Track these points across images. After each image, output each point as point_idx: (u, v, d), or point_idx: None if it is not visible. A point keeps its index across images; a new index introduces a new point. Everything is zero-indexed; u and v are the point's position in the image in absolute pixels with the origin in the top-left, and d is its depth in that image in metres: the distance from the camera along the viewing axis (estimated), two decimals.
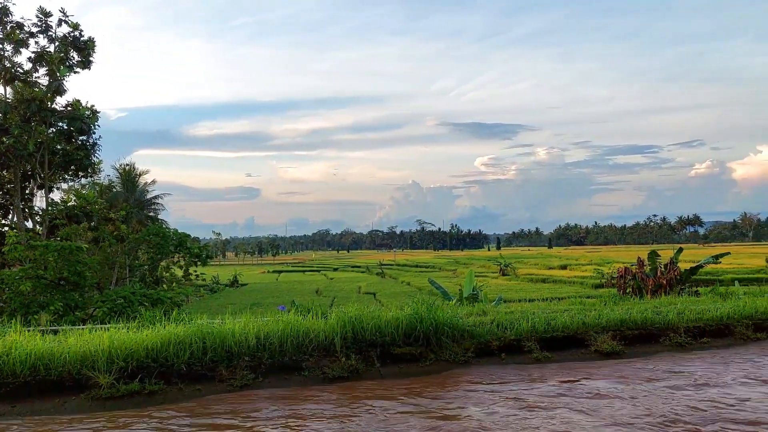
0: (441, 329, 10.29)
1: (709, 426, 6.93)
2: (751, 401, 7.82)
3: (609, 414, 7.41)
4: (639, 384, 8.79)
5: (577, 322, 11.23)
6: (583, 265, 58.78)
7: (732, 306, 13.04)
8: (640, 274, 19.11)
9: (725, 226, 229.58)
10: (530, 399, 8.15)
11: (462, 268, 48.82)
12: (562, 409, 7.67)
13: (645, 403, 7.83)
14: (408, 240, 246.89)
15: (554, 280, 45.15)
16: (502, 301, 18.74)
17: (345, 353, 9.81)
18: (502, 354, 10.41)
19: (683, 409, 7.55)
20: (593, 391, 8.46)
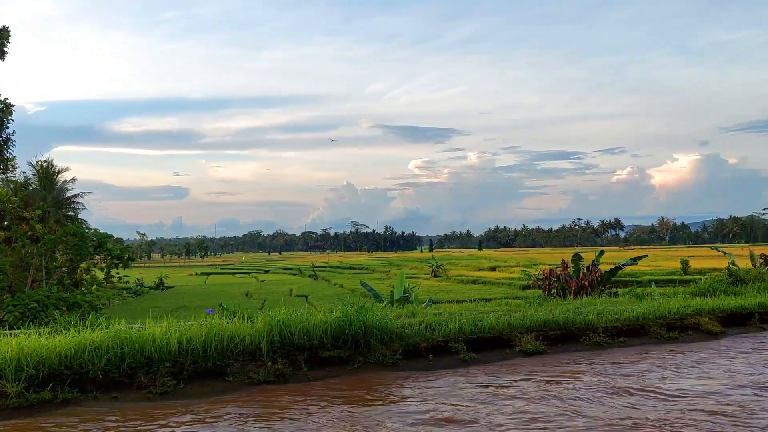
0: (370, 332, 10.26)
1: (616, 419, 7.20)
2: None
3: (530, 411, 7.58)
4: (555, 383, 9.04)
5: (503, 323, 11.47)
6: (512, 267, 60.25)
7: (647, 306, 13.65)
8: (564, 275, 19.71)
9: (644, 230, 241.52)
10: (454, 400, 8.24)
11: (395, 270, 49.10)
12: (485, 410, 7.78)
13: (564, 400, 8.06)
14: (342, 242, 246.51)
15: (484, 281, 46.01)
16: (432, 302, 18.93)
17: (271, 357, 9.62)
18: (430, 355, 10.49)
19: (598, 405, 7.83)
20: (515, 390, 8.65)
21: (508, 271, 56.27)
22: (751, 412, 7.51)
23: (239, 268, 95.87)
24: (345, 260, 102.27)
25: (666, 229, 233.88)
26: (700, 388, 8.72)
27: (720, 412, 7.54)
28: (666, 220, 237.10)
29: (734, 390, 8.57)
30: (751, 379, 9.22)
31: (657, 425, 7.07)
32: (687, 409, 7.69)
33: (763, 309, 14.41)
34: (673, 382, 9.06)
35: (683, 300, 15.22)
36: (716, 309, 13.94)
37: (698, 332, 12.88)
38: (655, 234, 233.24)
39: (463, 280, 48.47)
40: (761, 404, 7.89)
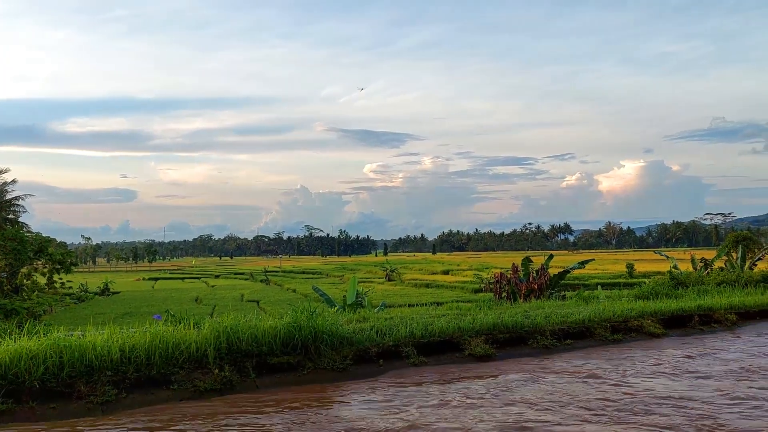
0: (320, 337, 10.16)
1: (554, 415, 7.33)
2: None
3: (473, 415, 7.64)
4: (499, 387, 9.16)
5: (453, 327, 11.54)
6: (464, 271, 60.98)
7: (593, 309, 13.99)
8: (514, 279, 20.01)
9: (592, 234, 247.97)
10: (403, 405, 8.23)
11: (349, 274, 48.96)
12: (432, 414, 7.80)
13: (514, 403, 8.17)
14: (295, 246, 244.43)
15: (437, 285, 46.42)
16: (385, 306, 18.94)
17: (218, 365, 9.41)
18: (380, 360, 10.46)
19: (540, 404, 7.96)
20: (466, 394, 8.72)
21: (460, 274, 56.88)
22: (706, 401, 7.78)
23: (189, 273, 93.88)
24: (298, 265, 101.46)
25: (613, 233, 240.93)
26: (658, 386, 8.97)
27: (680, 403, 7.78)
28: (613, 225, 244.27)
29: (688, 389, 8.86)
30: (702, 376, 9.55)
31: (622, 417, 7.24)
32: (651, 402, 7.90)
33: (703, 311, 14.95)
34: (632, 379, 9.30)
35: (627, 303, 15.67)
36: (658, 311, 14.39)
37: (641, 334, 13.27)
38: (603, 238, 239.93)
39: (416, 284, 48.76)
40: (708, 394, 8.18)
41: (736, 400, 8.24)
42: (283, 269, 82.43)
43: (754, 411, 7.78)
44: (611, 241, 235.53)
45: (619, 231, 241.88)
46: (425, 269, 66.80)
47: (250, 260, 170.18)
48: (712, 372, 9.99)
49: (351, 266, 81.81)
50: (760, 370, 10.06)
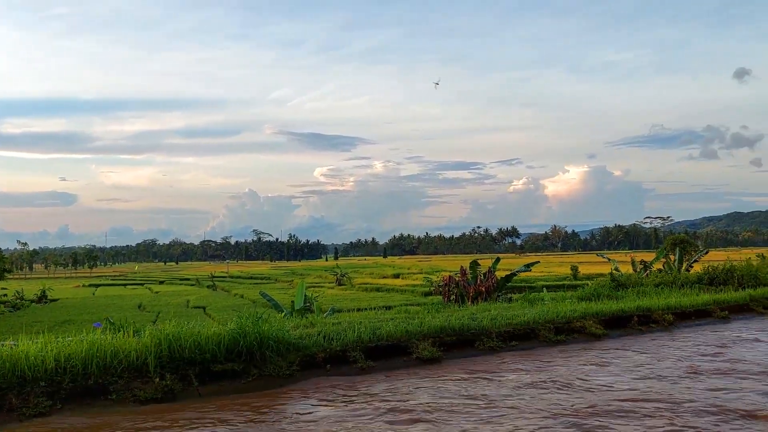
0: (266, 343, 9.99)
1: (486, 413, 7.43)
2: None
3: (415, 416, 7.66)
4: (449, 390, 9.22)
5: (401, 331, 11.56)
6: (414, 274, 61.40)
7: (538, 311, 14.26)
8: (462, 282, 20.22)
9: (538, 238, 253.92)
10: (348, 409, 8.18)
11: (299, 279, 48.48)
12: (378, 420, 7.78)
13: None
14: (243, 251, 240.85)
15: (387, 288, 46.52)
16: (334, 311, 18.83)
17: (159, 373, 9.13)
18: (327, 365, 10.37)
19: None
20: (412, 397, 8.73)
21: (411, 278, 57.22)
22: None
23: (132, 279, 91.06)
24: (246, 270, 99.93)
25: (558, 236, 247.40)
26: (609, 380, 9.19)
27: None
28: (558, 228, 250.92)
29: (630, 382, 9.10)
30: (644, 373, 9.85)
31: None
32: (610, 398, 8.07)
33: (642, 312, 15.44)
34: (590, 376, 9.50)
35: (570, 304, 16.04)
36: (600, 312, 14.78)
37: (583, 335, 13.60)
38: (549, 241, 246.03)
39: (367, 288, 48.74)
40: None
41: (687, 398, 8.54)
42: (230, 274, 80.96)
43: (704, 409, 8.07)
44: (557, 244, 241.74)
45: (564, 234, 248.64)
46: (376, 273, 66.90)
47: (196, 265, 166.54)
48: (659, 371, 10.31)
49: (301, 271, 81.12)
50: (703, 369, 10.45)
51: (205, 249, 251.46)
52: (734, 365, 10.66)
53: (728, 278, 21.51)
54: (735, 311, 17.25)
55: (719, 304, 17.22)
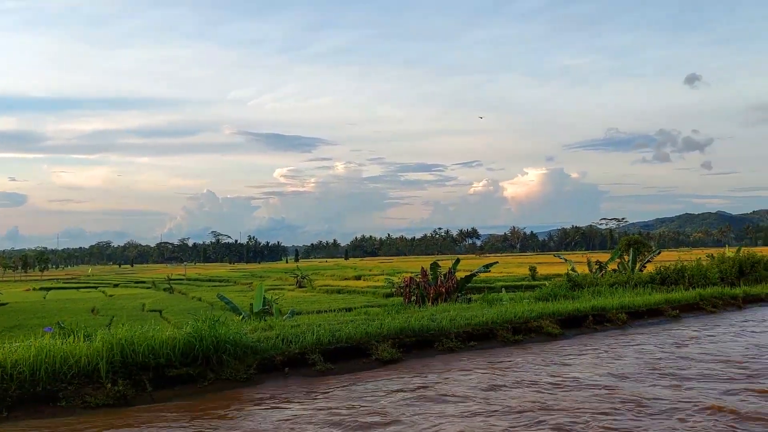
0: (222, 347, 9.82)
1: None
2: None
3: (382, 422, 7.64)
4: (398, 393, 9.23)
5: (361, 332, 11.52)
6: (376, 276, 61.41)
7: (496, 311, 14.41)
8: (423, 283, 20.33)
9: (498, 239, 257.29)
10: (305, 414, 8.10)
11: (258, 282, 47.92)
12: (334, 422, 7.73)
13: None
14: (201, 253, 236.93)
15: (349, 290, 46.43)
16: (294, 314, 18.65)
17: (112, 379, 8.87)
18: (286, 368, 10.26)
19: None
20: (370, 398, 8.70)
21: (372, 279, 57.21)
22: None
23: (85, 282, 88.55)
24: (204, 272, 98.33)
25: (517, 237, 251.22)
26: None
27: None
28: (517, 230, 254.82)
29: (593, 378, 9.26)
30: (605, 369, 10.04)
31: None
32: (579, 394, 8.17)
33: (596, 311, 15.77)
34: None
35: (528, 304, 16.28)
36: (556, 312, 15.03)
37: (541, 334, 13.81)
38: (508, 242, 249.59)
39: (328, 290, 48.53)
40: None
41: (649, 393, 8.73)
42: (188, 277, 79.47)
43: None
44: (516, 245, 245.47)
45: (522, 235, 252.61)
46: (337, 275, 66.73)
47: (152, 268, 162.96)
48: (623, 368, 10.53)
49: (260, 273, 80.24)
50: (661, 366, 10.72)
51: (162, 251, 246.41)
52: (689, 362, 10.97)
53: (679, 278, 22.17)
54: (686, 310, 17.78)
55: (671, 303, 17.72)
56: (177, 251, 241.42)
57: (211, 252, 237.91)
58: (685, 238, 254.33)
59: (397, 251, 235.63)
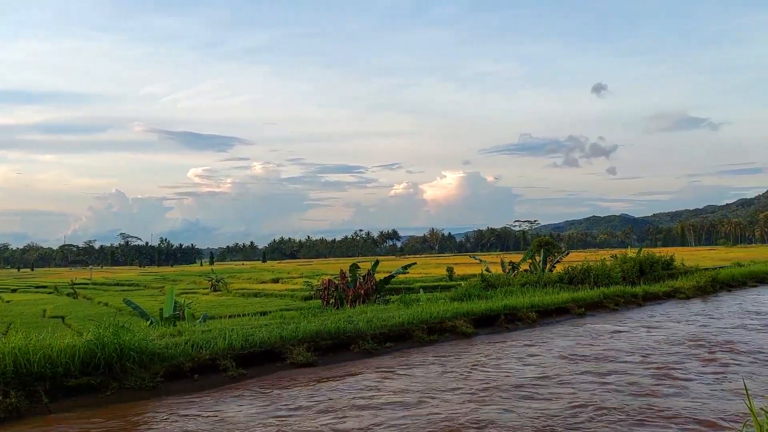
0: (127, 354, 9.35)
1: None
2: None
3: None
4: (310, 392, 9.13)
5: (275, 336, 11.30)
6: (295, 278, 60.58)
7: (412, 312, 14.55)
8: (342, 285, 20.24)
9: (417, 240, 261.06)
10: (212, 419, 7.84)
11: (171, 285, 46.12)
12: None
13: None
14: (109, 256, 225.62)
15: (266, 294, 45.47)
16: (207, 318, 18.06)
17: (3, 390, 8.23)
18: (195, 375, 9.89)
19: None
20: (282, 403, 8.54)
21: (291, 282, 56.41)
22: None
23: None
24: (112, 276, 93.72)
25: (436, 239, 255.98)
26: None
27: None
28: (436, 231, 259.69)
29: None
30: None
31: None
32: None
33: (508, 311, 16.25)
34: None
35: (443, 305, 16.55)
36: (470, 312, 15.36)
37: (455, 334, 14.06)
38: (427, 244, 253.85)
39: (244, 293, 47.39)
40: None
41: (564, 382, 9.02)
42: (94, 281, 75.39)
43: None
44: (434, 246, 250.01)
45: (441, 237, 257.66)
46: (254, 278, 65.32)
47: (55, 272, 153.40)
48: (542, 361, 10.85)
49: (173, 277, 77.35)
50: (573, 359, 11.14)
51: (66, 254, 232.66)
52: (597, 355, 11.48)
53: (585, 277, 23.26)
54: (590, 308, 18.66)
55: (577, 301, 18.55)
56: (82, 254, 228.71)
57: (119, 255, 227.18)
58: (592, 239, 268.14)
59: (317, 253, 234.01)
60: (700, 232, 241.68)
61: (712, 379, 9.49)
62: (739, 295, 23.34)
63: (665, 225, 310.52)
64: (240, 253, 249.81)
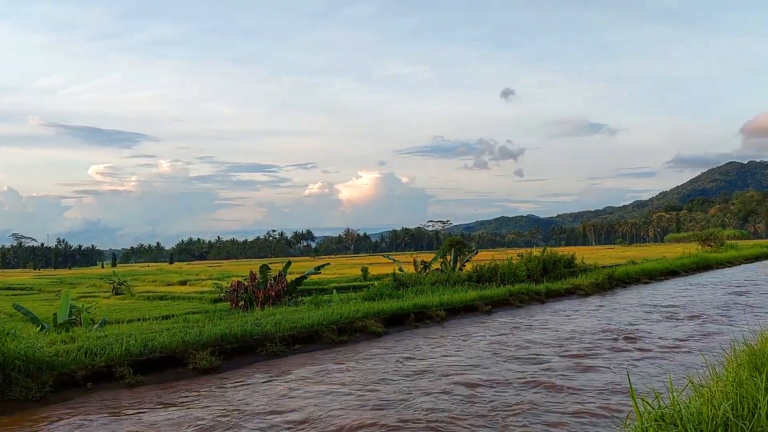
0: (11, 363, 8.65)
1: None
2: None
3: None
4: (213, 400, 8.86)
5: (177, 341, 10.83)
6: (204, 280, 58.65)
7: (323, 313, 14.41)
8: (251, 287, 19.77)
9: (332, 240, 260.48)
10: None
11: (67, 289, 43.41)
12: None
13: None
14: (0, 257, 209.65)
15: (173, 296, 43.74)
16: (106, 323, 17.10)
17: None
18: (89, 384, 9.30)
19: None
20: (178, 412, 8.18)
21: (199, 284, 54.61)
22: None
23: None
24: (2, 280, 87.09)
25: (351, 239, 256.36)
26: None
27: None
28: (351, 231, 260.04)
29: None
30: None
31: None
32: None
33: (418, 309, 16.45)
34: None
35: (355, 305, 16.51)
36: (381, 312, 15.42)
37: (366, 333, 14.06)
38: (342, 244, 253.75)
39: (149, 296, 45.40)
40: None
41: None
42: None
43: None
44: (350, 246, 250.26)
45: (356, 237, 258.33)
46: (160, 280, 62.71)
47: None
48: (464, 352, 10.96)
49: (70, 280, 72.86)
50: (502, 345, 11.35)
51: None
52: (500, 347, 11.81)
53: (492, 276, 23.98)
54: (497, 305, 19.23)
55: (484, 299, 19.07)
56: None
57: (11, 257, 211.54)
58: (501, 239, 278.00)
59: (228, 254, 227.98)
60: (600, 231, 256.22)
61: (615, 366, 9.98)
62: (633, 291, 24.83)
63: (569, 225, 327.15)
64: (145, 254, 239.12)
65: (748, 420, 3.94)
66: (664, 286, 26.93)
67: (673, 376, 8.64)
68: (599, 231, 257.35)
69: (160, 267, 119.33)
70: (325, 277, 46.99)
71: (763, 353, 5.38)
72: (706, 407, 4.01)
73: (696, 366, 9.13)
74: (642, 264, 34.53)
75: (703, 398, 4.36)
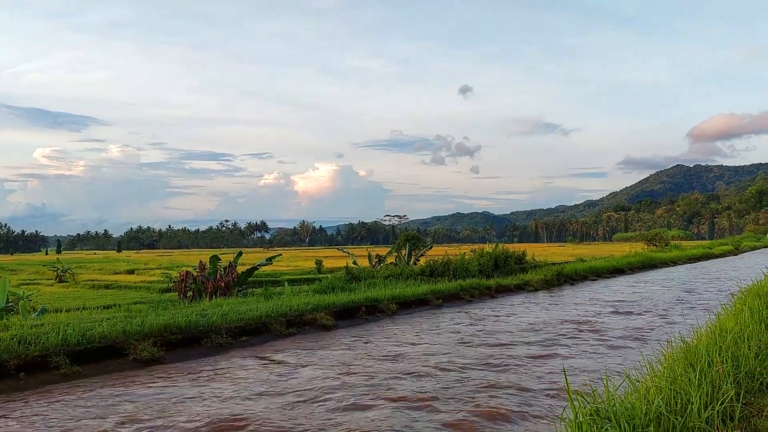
0: None
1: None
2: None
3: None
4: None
5: (118, 331, 10.49)
6: (152, 270, 57.34)
7: (272, 305, 14.22)
8: (200, 277, 19.38)
9: (287, 232, 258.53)
10: (33, 425, 7.09)
11: (6, 276, 41.71)
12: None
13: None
14: None
15: (119, 285, 42.60)
16: (45, 311, 16.47)
17: None
18: (21, 374, 8.91)
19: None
20: (115, 405, 7.92)
21: (147, 274, 53.36)
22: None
23: None
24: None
25: (306, 231, 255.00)
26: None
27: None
28: (306, 224, 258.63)
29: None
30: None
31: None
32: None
33: (369, 302, 16.43)
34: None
35: (305, 297, 16.38)
36: (331, 305, 15.33)
37: (315, 326, 13.94)
38: (297, 236, 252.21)
39: (95, 285, 44.12)
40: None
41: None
42: None
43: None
44: (305, 239, 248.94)
45: (312, 229, 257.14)
46: (107, 269, 60.98)
47: None
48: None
49: (11, 266, 70.15)
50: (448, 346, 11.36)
51: None
52: (442, 336, 11.87)
53: (445, 270, 24.17)
54: (447, 299, 19.40)
55: (435, 293, 19.20)
56: None
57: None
58: (456, 234, 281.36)
59: (179, 244, 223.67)
60: (552, 229, 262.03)
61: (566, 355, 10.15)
62: (580, 287, 25.43)
63: (522, 222, 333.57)
64: (92, 241, 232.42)
65: (681, 415, 4.03)
66: (610, 282, 27.72)
67: (612, 371, 8.85)
68: (551, 229, 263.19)
69: (108, 255, 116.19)
70: (278, 269, 46.60)
71: (697, 349, 5.53)
72: (640, 402, 4.07)
73: (631, 361, 9.36)
74: (590, 262, 35.43)
75: (638, 393, 4.43)
